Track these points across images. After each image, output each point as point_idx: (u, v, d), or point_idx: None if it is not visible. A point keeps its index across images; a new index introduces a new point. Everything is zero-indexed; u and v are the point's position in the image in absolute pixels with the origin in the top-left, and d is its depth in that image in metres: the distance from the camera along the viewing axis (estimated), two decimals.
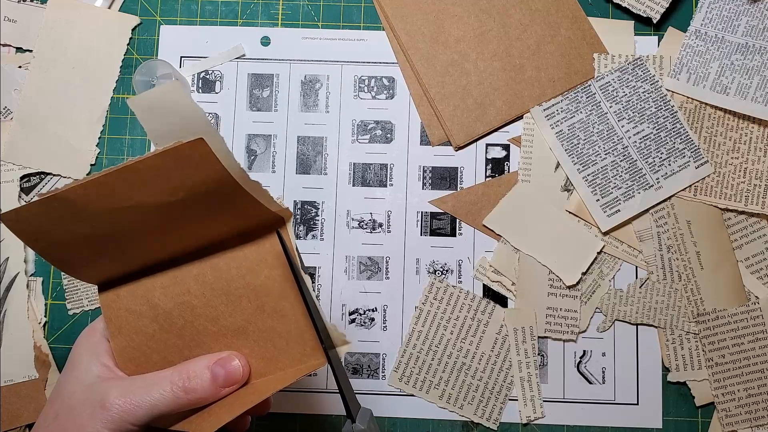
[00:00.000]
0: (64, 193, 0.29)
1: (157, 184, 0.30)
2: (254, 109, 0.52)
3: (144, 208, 0.30)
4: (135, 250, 0.33)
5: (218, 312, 0.34)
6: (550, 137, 0.50)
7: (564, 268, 0.49)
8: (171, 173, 0.29)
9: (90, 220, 0.30)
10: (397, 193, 0.51)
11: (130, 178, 0.29)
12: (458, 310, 0.49)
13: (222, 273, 0.34)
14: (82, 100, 0.51)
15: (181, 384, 0.32)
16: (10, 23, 0.52)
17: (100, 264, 0.33)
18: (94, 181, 0.29)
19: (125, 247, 0.33)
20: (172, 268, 0.34)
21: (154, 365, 0.34)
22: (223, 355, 0.34)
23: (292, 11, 0.53)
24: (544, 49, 0.51)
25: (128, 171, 0.29)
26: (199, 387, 0.32)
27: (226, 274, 0.34)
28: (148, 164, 0.29)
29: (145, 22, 0.53)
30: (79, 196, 0.29)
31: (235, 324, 0.34)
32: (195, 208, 0.31)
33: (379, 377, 0.49)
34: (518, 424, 0.48)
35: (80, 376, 0.33)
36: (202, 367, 0.33)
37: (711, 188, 0.49)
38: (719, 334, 0.48)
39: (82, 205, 0.30)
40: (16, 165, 0.51)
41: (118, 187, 0.29)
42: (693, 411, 0.48)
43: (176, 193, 0.30)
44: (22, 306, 0.49)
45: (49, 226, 0.30)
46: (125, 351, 0.34)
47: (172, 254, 0.34)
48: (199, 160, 0.29)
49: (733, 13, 0.50)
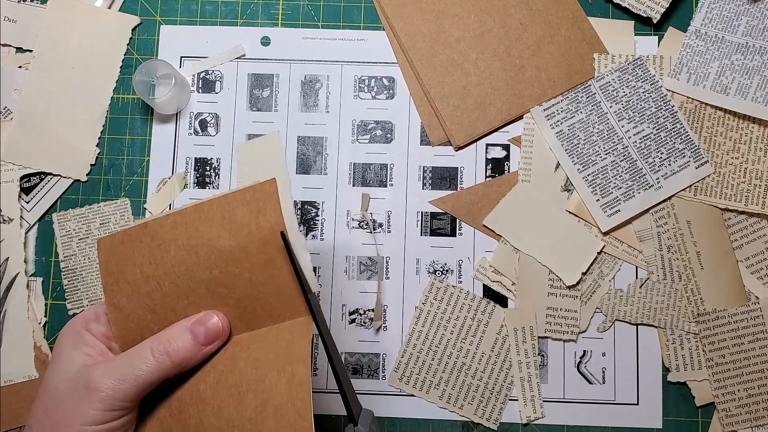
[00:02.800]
0: (151, 223, 0.34)
1: (225, 222, 0.33)
2: (254, 109, 0.52)
3: (208, 251, 0.33)
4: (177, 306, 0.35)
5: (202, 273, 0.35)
6: (550, 137, 0.50)
7: (564, 268, 0.49)
8: (238, 211, 0.33)
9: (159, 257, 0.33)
10: (397, 193, 0.51)
11: (204, 211, 0.34)
12: (458, 310, 0.49)
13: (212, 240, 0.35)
14: (82, 100, 0.51)
15: (163, 348, 0.32)
16: (10, 23, 0.52)
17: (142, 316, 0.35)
18: (176, 212, 0.34)
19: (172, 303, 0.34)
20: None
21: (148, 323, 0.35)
22: (201, 314, 0.34)
23: (292, 11, 0.53)
24: (544, 49, 0.51)
25: (205, 204, 0.34)
26: (181, 348, 0.32)
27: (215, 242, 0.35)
28: (222, 200, 0.33)
29: (145, 22, 0.53)
30: (162, 227, 0.33)
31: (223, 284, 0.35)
32: (246, 260, 0.34)
33: (379, 377, 0.49)
34: (518, 424, 0.48)
35: (64, 367, 0.33)
36: (181, 328, 0.33)
37: (711, 188, 0.49)
38: (719, 334, 0.48)
39: (160, 237, 0.33)
40: (16, 165, 0.51)
41: (193, 219, 0.33)
42: (693, 411, 0.48)
43: (237, 235, 0.33)
44: (22, 306, 0.49)
45: (128, 258, 0.34)
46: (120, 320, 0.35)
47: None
48: (266, 200, 0.33)
49: (733, 13, 0.50)
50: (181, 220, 0.33)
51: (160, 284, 0.34)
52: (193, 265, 0.33)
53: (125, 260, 0.34)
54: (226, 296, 0.34)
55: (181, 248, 0.33)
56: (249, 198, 0.33)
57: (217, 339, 0.34)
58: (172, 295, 0.34)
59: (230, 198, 0.33)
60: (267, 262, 0.33)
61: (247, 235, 0.33)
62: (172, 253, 0.33)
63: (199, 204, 0.34)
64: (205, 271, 0.33)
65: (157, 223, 0.34)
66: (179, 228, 0.34)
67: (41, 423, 0.32)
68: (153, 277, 0.34)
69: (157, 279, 0.34)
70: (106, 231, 0.51)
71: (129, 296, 0.34)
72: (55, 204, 0.51)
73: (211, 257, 0.33)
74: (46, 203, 0.51)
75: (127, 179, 0.51)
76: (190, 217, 0.34)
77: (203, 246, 0.33)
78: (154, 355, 0.32)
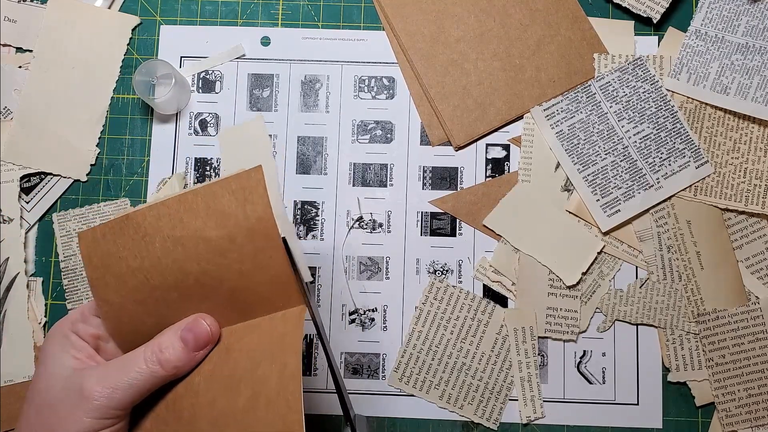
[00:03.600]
0: (133, 214, 0.33)
1: (210, 212, 0.32)
2: (254, 109, 0.52)
3: (194, 243, 0.33)
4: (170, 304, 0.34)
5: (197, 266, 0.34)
6: (550, 137, 0.50)
7: (564, 268, 0.49)
8: (224, 201, 0.32)
9: (144, 250, 0.33)
10: (397, 193, 0.51)
11: (189, 201, 0.32)
12: (458, 310, 0.49)
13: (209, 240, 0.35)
14: (82, 100, 0.51)
15: (155, 358, 0.32)
16: (10, 23, 0.52)
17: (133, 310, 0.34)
18: (159, 203, 0.33)
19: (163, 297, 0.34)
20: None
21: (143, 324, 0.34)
22: (190, 320, 0.34)
23: (292, 11, 0.53)
24: (544, 49, 0.51)
25: (189, 195, 0.33)
26: (173, 356, 0.33)
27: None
28: (207, 190, 0.32)
29: (145, 22, 0.53)
30: (144, 218, 0.33)
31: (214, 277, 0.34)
32: (234, 251, 0.33)
33: (379, 377, 0.49)
34: (518, 424, 0.48)
35: (54, 370, 0.33)
36: (172, 336, 0.33)
37: (711, 188, 0.49)
38: (719, 334, 0.48)
39: (144, 229, 0.33)
40: (16, 165, 0.51)
41: (178, 211, 0.32)
42: (693, 411, 0.48)
43: (223, 226, 0.32)
44: (22, 306, 0.49)
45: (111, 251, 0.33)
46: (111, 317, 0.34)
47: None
48: (252, 188, 0.32)
49: (733, 13, 0.50)
50: (165, 212, 0.33)
51: (148, 278, 0.33)
52: (180, 257, 0.33)
53: (109, 253, 0.33)
54: (216, 287, 0.34)
55: (167, 240, 0.33)
56: (235, 186, 0.32)
57: (207, 344, 0.34)
58: (162, 287, 0.33)
59: (215, 187, 0.33)
60: (256, 252, 0.33)
61: (234, 225, 0.32)
62: (158, 245, 0.33)
63: (183, 194, 0.33)
64: (193, 263, 0.33)
65: (140, 215, 0.33)
66: (163, 220, 0.33)
67: (33, 428, 0.32)
68: (140, 270, 0.33)
69: (144, 272, 0.33)
70: None
71: (116, 290, 0.33)
72: (55, 204, 0.51)
73: (198, 249, 0.33)
74: (46, 203, 0.51)
75: (127, 179, 0.51)
76: (173, 207, 0.33)
77: (189, 237, 0.33)
78: (147, 364, 0.32)
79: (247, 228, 0.32)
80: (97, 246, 0.33)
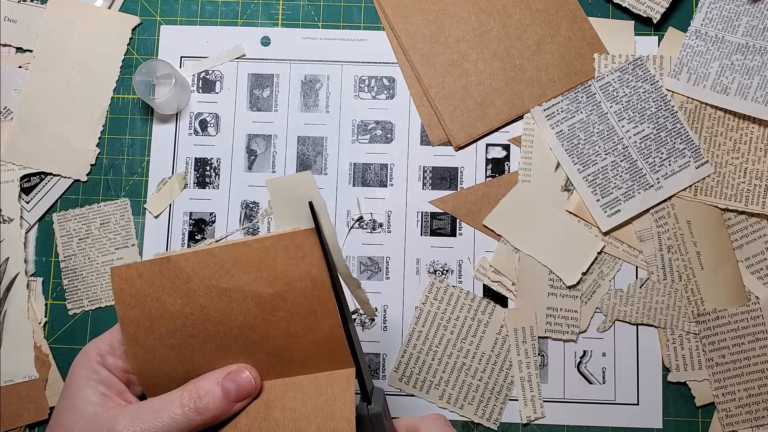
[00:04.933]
0: (176, 257, 0.32)
1: (262, 268, 0.32)
2: (254, 109, 0.52)
3: (242, 297, 0.32)
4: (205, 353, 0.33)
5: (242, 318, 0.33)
6: (550, 137, 0.50)
7: (564, 268, 0.49)
8: (277, 259, 0.31)
9: (186, 296, 0.32)
10: (397, 193, 0.51)
11: (239, 254, 0.32)
12: (458, 310, 0.49)
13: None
14: (82, 100, 0.51)
15: (192, 405, 0.31)
16: (10, 23, 0.52)
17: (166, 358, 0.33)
18: (205, 251, 0.32)
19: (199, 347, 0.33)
20: None
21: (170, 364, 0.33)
22: (232, 368, 0.32)
23: (292, 11, 0.53)
24: (544, 49, 0.51)
25: (239, 247, 0.32)
26: (212, 405, 0.31)
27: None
28: (260, 245, 0.31)
29: (145, 22, 0.53)
30: (188, 264, 0.32)
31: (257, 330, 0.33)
32: (284, 309, 0.32)
33: (379, 377, 0.49)
34: (518, 424, 0.48)
35: (80, 405, 0.31)
36: (212, 383, 0.31)
37: (711, 188, 0.49)
38: (719, 334, 0.48)
39: (187, 275, 0.32)
40: (16, 165, 0.51)
41: (225, 262, 0.32)
42: (693, 411, 0.48)
43: (275, 283, 0.32)
44: (22, 306, 0.49)
45: (147, 292, 0.32)
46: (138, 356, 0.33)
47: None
48: (308, 250, 0.31)
49: (733, 13, 0.50)
50: (211, 261, 0.32)
51: (187, 324, 0.32)
52: (225, 309, 0.32)
53: (145, 294, 0.32)
54: (258, 343, 0.33)
55: (212, 290, 0.32)
56: (288, 245, 0.32)
57: (249, 396, 0.32)
58: (200, 336, 0.32)
59: (267, 242, 0.32)
60: (307, 314, 0.32)
61: (286, 284, 0.32)
62: (202, 293, 0.32)
63: (232, 245, 0.32)
64: (239, 317, 0.32)
65: (182, 260, 0.32)
66: (209, 268, 0.32)
67: None
68: (179, 316, 0.32)
69: (184, 318, 0.32)
70: (107, 231, 0.51)
71: (149, 331, 0.32)
72: (55, 204, 0.51)
73: (245, 303, 0.32)
74: (46, 203, 0.51)
75: (127, 179, 0.51)
76: (220, 257, 0.32)
77: (237, 291, 0.32)
78: (183, 410, 0.30)
79: (301, 289, 0.32)
80: (131, 284, 0.32)
